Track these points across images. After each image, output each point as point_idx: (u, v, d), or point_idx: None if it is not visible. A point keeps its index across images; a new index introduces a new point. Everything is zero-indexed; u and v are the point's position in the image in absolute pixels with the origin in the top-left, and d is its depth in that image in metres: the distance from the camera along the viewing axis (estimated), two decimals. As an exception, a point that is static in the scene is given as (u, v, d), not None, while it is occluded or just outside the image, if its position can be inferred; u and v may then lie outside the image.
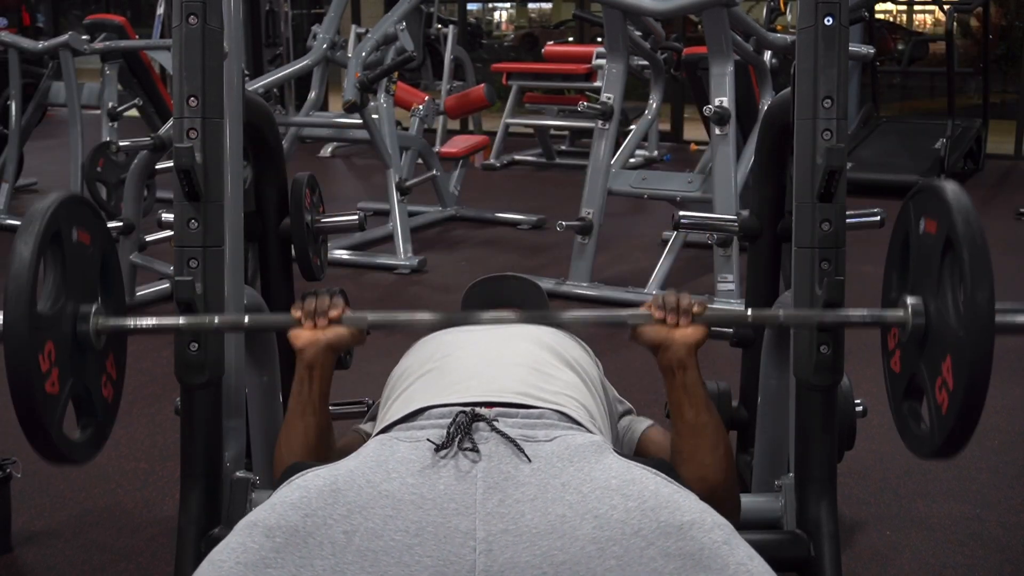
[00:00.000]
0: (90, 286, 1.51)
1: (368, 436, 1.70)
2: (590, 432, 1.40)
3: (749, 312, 1.63)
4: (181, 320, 1.54)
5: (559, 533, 1.19)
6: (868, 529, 2.42)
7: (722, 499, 1.47)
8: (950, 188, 1.40)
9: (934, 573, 2.23)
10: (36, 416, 1.33)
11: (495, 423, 1.32)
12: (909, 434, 1.50)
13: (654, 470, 1.29)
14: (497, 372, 1.51)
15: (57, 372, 1.39)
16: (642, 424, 1.78)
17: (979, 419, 1.34)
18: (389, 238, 5.16)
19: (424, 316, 1.60)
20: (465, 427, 1.31)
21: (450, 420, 1.33)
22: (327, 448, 1.60)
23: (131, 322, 1.52)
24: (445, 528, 1.19)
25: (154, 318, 1.57)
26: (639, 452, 1.72)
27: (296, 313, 1.56)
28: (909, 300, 1.46)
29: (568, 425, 1.39)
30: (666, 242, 4.63)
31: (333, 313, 1.54)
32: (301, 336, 1.55)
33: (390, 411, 1.51)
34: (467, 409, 1.35)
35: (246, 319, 1.68)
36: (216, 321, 1.57)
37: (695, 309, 1.53)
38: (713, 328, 2.26)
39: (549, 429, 1.35)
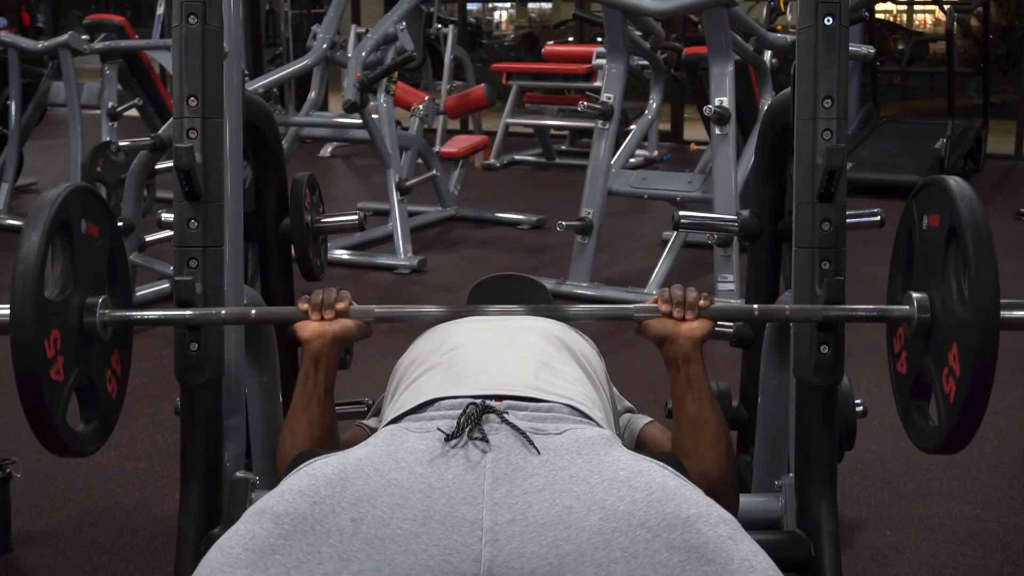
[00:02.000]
0: (98, 278, 1.51)
1: (372, 430, 1.70)
2: (599, 426, 1.41)
3: (755, 307, 1.64)
4: (188, 312, 1.54)
5: (565, 524, 1.19)
6: (868, 529, 2.42)
7: (722, 495, 1.46)
8: (953, 181, 1.41)
9: (934, 573, 2.23)
10: (40, 402, 1.33)
11: (505, 415, 1.33)
12: (917, 431, 1.50)
13: (662, 463, 1.29)
14: (507, 365, 1.51)
15: (62, 360, 1.39)
16: (641, 421, 1.78)
17: (987, 402, 1.33)
18: (389, 238, 5.16)
19: (431, 309, 1.61)
20: (476, 418, 1.31)
21: (460, 411, 1.34)
22: (331, 441, 1.60)
23: (137, 314, 1.52)
24: (452, 517, 1.20)
25: (160, 311, 1.57)
26: (638, 448, 1.72)
27: (303, 306, 1.57)
28: (914, 295, 1.46)
29: (578, 419, 1.40)
30: (666, 242, 4.63)
31: (340, 306, 1.56)
32: (308, 328, 1.56)
33: (399, 402, 1.51)
34: (478, 401, 1.36)
35: (253, 311, 1.68)
36: (223, 313, 1.58)
37: (701, 303, 1.55)
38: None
39: (559, 422, 1.36)
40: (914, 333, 1.46)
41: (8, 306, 1.34)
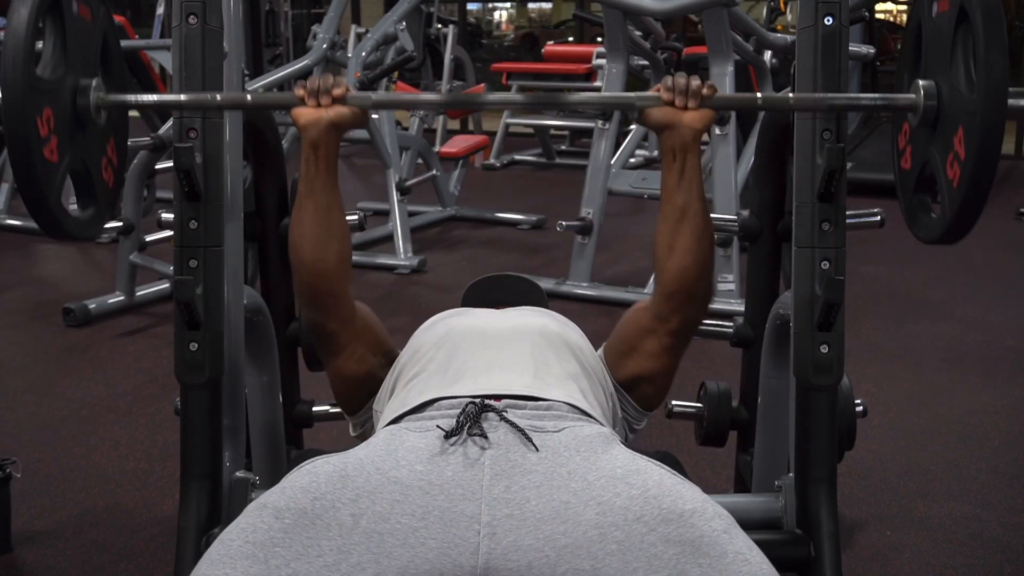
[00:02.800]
0: (91, 62, 1.49)
1: (391, 364, 1.69)
2: (598, 423, 1.42)
3: (759, 97, 1.67)
4: (183, 97, 1.53)
5: (562, 518, 1.21)
6: (868, 529, 2.42)
7: (699, 296, 1.58)
8: None
9: (934, 573, 2.23)
10: (34, 180, 1.31)
11: (504, 413, 1.34)
12: (921, 225, 1.47)
13: (658, 463, 1.31)
14: (505, 364, 1.52)
15: (56, 140, 1.37)
16: (598, 350, 1.77)
17: (991, 184, 1.31)
18: (389, 238, 5.16)
19: (429, 97, 1.61)
20: (475, 416, 1.32)
21: (460, 411, 1.35)
22: (339, 227, 1.61)
23: (132, 97, 1.51)
24: (451, 512, 1.21)
25: (155, 95, 1.56)
26: (609, 358, 1.71)
27: (299, 92, 1.57)
28: (921, 83, 1.44)
29: (577, 416, 1.41)
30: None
31: (336, 91, 1.55)
32: (304, 114, 1.56)
33: (398, 400, 1.52)
34: (477, 400, 1.37)
35: (248, 96, 1.67)
36: (218, 98, 1.57)
37: (704, 91, 1.55)
38: (713, 328, 2.27)
39: (558, 420, 1.37)
40: (919, 122, 1.44)
41: None
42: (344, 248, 1.61)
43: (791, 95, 1.61)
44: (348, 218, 1.75)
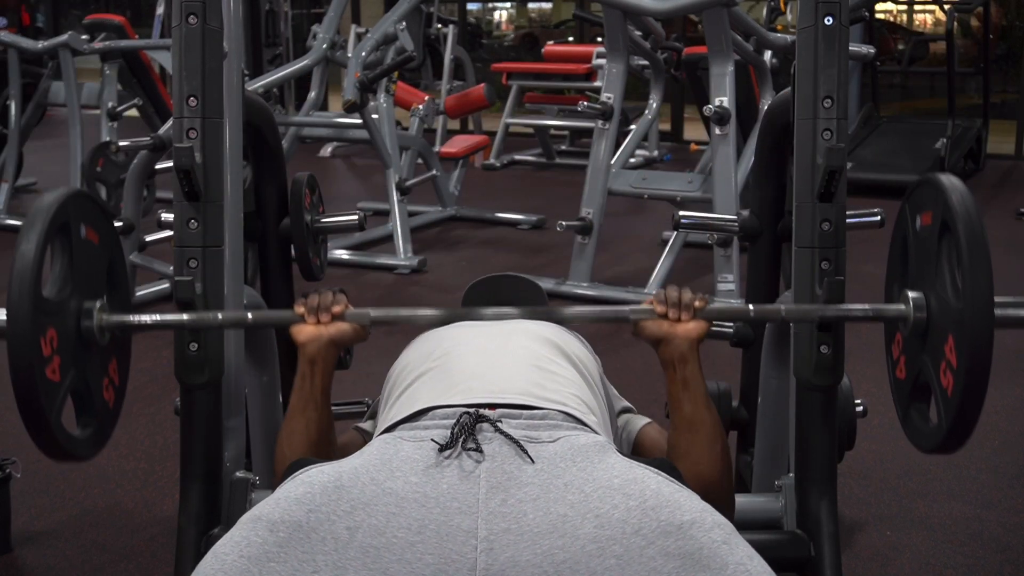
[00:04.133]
0: (96, 284, 1.51)
1: (368, 435, 1.70)
2: (594, 432, 1.41)
3: (751, 308, 1.63)
4: (184, 317, 1.54)
5: (560, 532, 1.19)
6: (868, 529, 2.42)
7: (718, 497, 1.47)
8: (944, 178, 1.40)
9: (934, 573, 2.23)
10: (35, 400, 1.32)
11: (499, 424, 1.33)
12: (917, 433, 1.49)
13: (656, 470, 1.29)
14: (500, 372, 1.51)
15: (59, 360, 1.38)
16: (640, 421, 1.78)
17: (985, 393, 1.32)
18: (389, 238, 5.16)
19: (427, 312, 1.60)
20: (469, 428, 1.31)
21: (454, 421, 1.34)
22: (328, 444, 1.60)
23: (134, 318, 1.52)
24: (447, 526, 1.20)
25: (158, 315, 1.57)
26: (636, 449, 1.72)
27: (299, 309, 1.56)
28: (910, 294, 1.46)
29: (572, 425, 1.40)
30: (666, 242, 4.63)
31: (336, 309, 1.55)
32: (304, 331, 1.55)
33: (393, 410, 1.51)
34: (471, 410, 1.36)
35: (249, 316, 1.67)
36: (219, 317, 1.57)
37: (697, 304, 1.54)
38: (714, 327, 2.27)
39: (553, 430, 1.36)
40: (910, 332, 1.46)
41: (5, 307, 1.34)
42: (331, 453, 1.57)
43: (783, 306, 1.63)
44: (348, 218, 1.76)
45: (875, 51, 4.57)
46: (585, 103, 4.59)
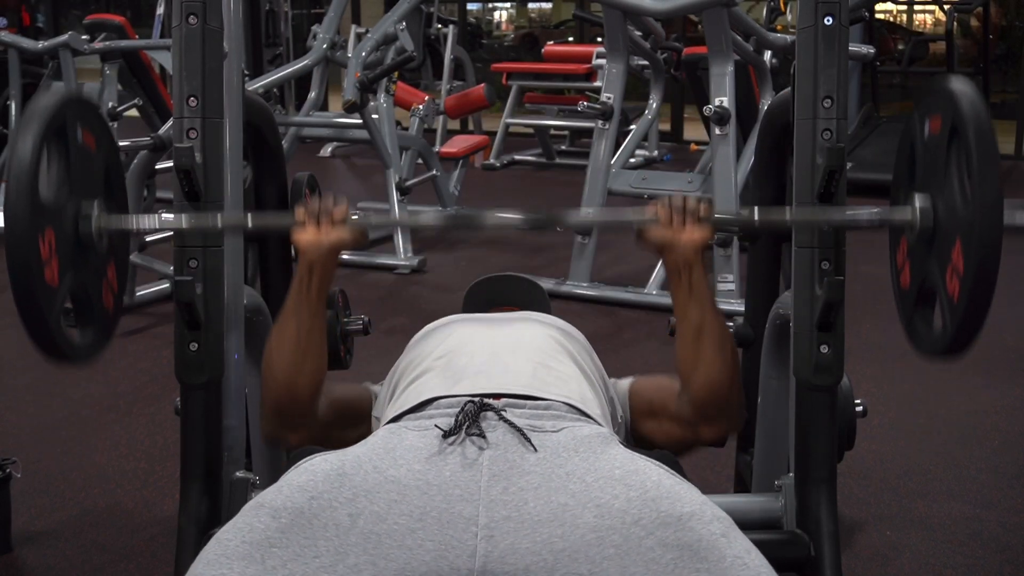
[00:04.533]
0: (94, 188, 1.51)
1: (375, 396, 1.72)
2: (597, 423, 1.42)
3: (756, 213, 1.63)
4: (184, 221, 1.54)
5: (560, 521, 1.20)
6: (868, 529, 2.42)
7: (730, 404, 1.56)
8: (955, 82, 1.38)
9: (934, 573, 2.23)
10: (33, 303, 1.33)
11: (503, 412, 1.34)
12: (921, 339, 1.48)
13: (657, 462, 1.30)
14: (504, 365, 1.52)
15: (57, 262, 1.38)
16: (625, 380, 1.78)
17: (992, 294, 1.31)
18: (389, 238, 5.16)
19: (428, 219, 1.60)
20: (473, 415, 1.33)
21: (459, 409, 1.35)
22: (316, 355, 1.60)
23: (133, 221, 1.52)
24: (448, 514, 1.21)
25: (157, 218, 1.56)
26: (633, 405, 1.72)
27: (300, 215, 1.57)
28: (917, 199, 1.44)
29: (576, 416, 1.41)
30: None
31: (337, 214, 1.56)
32: (304, 236, 1.56)
33: (398, 401, 1.52)
34: (475, 399, 1.37)
35: (249, 219, 1.67)
36: (219, 222, 1.58)
37: (701, 211, 1.56)
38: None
39: (556, 420, 1.37)
40: (917, 238, 1.45)
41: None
42: (320, 369, 1.60)
43: (788, 211, 1.61)
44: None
45: (875, 51, 4.57)
46: (585, 103, 4.59)
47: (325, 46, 5.80)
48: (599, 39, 8.05)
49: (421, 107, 5.79)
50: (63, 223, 1.41)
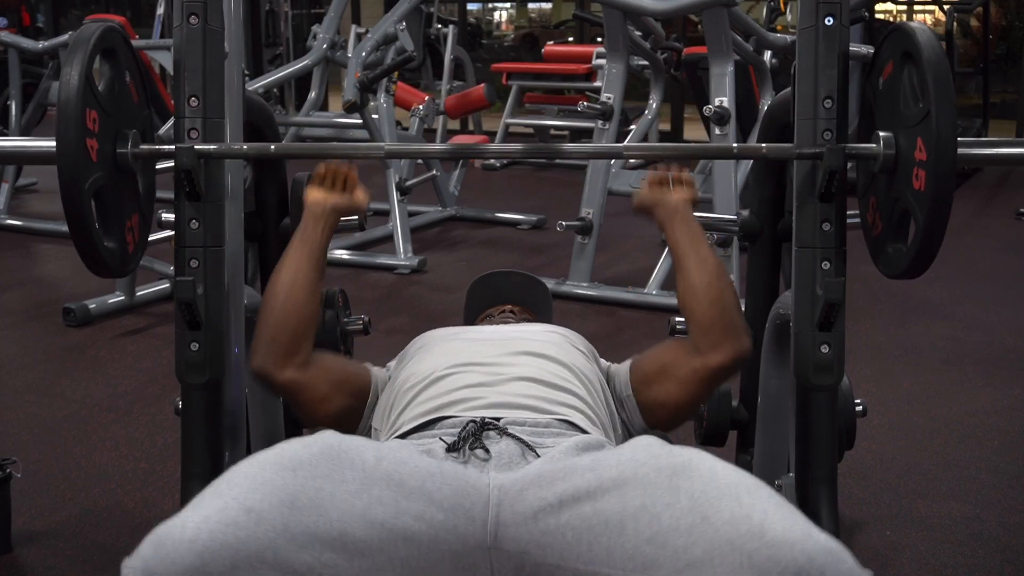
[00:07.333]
0: (132, 116, 1.63)
1: (377, 379, 1.75)
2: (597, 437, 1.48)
3: (734, 147, 1.77)
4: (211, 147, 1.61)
5: (563, 477, 1.27)
6: (868, 529, 2.42)
7: (734, 322, 1.68)
8: (909, 24, 1.50)
9: (934, 573, 2.23)
10: (83, 220, 1.46)
11: (506, 429, 1.41)
12: (888, 262, 1.55)
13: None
14: (504, 385, 1.56)
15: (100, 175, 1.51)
16: (624, 363, 1.80)
17: (949, 213, 1.40)
18: (389, 238, 5.16)
19: (437, 147, 1.91)
20: (476, 433, 1.40)
21: (461, 429, 1.42)
22: (311, 303, 1.67)
23: (165, 148, 1.61)
24: (463, 473, 1.30)
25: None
26: (638, 378, 1.73)
27: (320, 169, 1.76)
28: (880, 134, 1.54)
29: (574, 434, 1.47)
30: (666, 242, 4.62)
31: (349, 180, 1.76)
32: (312, 193, 1.74)
33: (400, 419, 1.56)
34: (477, 419, 1.43)
35: (272, 147, 1.77)
36: (245, 148, 1.69)
37: (684, 176, 1.82)
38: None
39: (556, 437, 1.43)
40: (880, 168, 1.53)
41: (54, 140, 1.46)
42: (314, 308, 1.68)
43: (765, 146, 1.74)
44: (348, 218, 1.77)
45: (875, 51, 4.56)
46: (585, 103, 4.59)
47: (325, 46, 5.80)
48: (599, 39, 8.05)
49: (421, 107, 5.79)
50: (104, 147, 1.52)
